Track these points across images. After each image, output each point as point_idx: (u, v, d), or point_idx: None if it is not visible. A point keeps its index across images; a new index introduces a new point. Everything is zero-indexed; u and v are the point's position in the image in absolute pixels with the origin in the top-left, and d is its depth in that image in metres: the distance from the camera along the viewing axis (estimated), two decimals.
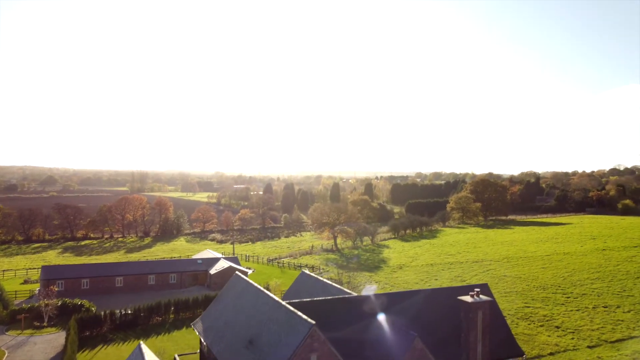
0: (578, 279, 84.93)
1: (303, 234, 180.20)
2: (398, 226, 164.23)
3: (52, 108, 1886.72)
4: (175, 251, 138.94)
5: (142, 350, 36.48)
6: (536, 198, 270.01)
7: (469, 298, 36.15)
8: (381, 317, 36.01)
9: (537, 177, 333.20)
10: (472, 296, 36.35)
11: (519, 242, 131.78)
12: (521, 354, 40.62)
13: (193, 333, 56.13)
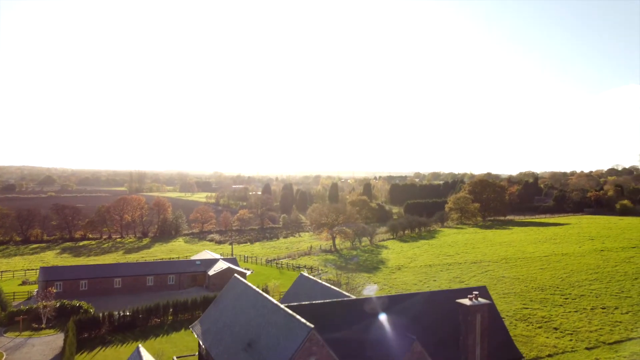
0: (576, 280, 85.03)
1: (302, 235, 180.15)
2: (397, 227, 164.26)
3: (51, 108, 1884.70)
4: (173, 252, 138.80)
5: (141, 353, 36.41)
6: (534, 198, 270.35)
7: (468, 301, 36.18)
8: (380, 320, 36.02)
9: (536, 177, 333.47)
10: (471, 299, 36.38)
11: (518, 243, 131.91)
12: (519, 357, 40.67)
13: (192, 335, 56.06)
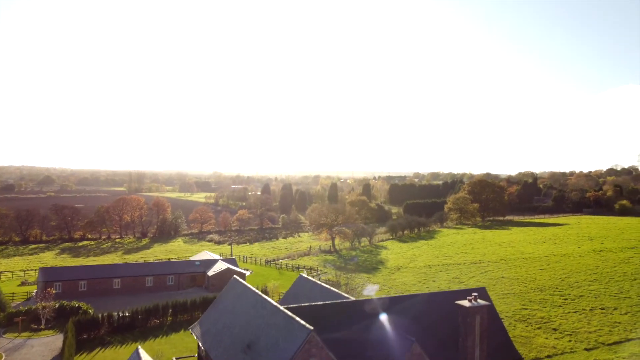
0: (575, 281, 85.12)
1: (301, 235, 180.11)
2: (396, 227, 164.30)
3: (50, 108, 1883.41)
4: (173, 252, 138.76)
5: (140, 354, 36.39)
6: (534, 198, 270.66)
7: (467, 302, 36.18)
8: (379, 322, 36.03)
9: (535, 178, 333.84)
10: (470, 301, 36.38)
11: (517, 243, 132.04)
12: (519, 358, 40.68)
13: (191, 336, 56.03)
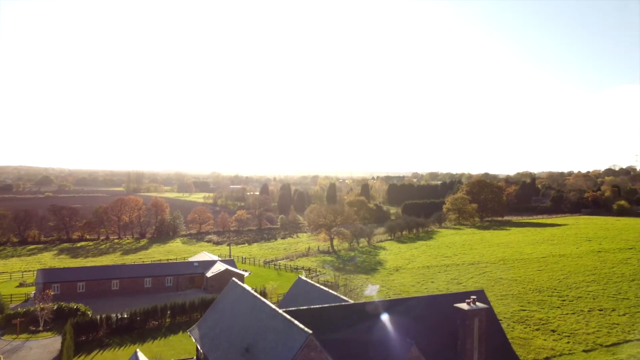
0: (574, 282, 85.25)
1: (299, 235, 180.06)
2: (394, 227, 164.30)
3: (48, 107, 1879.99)
4: (171, 253, 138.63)
5: (139, 358, 36.36)
6: (532, 199, 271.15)
7: (466, 305, 36.20)
8: (378, 325, 36.04)
9: (533, 178, 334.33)
10: (469, 303, 36.41)
11: (515, 244, 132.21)
12: None
13: (190, 338, 55.90)
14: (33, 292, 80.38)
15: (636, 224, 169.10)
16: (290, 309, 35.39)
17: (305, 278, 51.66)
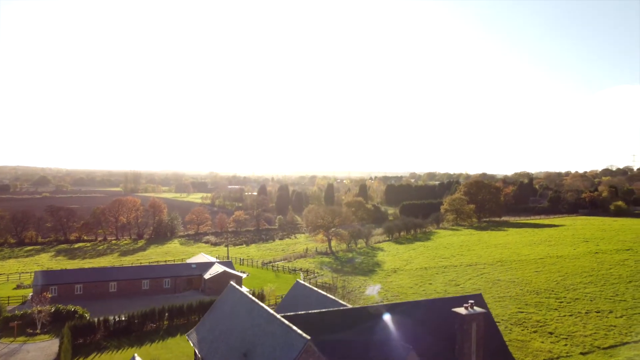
0: (571, 283, 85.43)
1: (297, 236, 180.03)
2: (392, 228, 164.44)
3: (45, 107, 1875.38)
4: (169, 254, 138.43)
5: None
6: (529, 199, 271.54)
7: (463, 310, 36.26)
8: (375, 329, 36.06)
9: (531, 178, 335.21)
10: (467, 308, 36.47)
11: (513, 245, 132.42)
12: None
13: (187, 341, 55.95)
14: (30, 295, 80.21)
15: (633, 225, 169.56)
16: (288, 314, 35.39)
17: (303, 282, 51.67)
